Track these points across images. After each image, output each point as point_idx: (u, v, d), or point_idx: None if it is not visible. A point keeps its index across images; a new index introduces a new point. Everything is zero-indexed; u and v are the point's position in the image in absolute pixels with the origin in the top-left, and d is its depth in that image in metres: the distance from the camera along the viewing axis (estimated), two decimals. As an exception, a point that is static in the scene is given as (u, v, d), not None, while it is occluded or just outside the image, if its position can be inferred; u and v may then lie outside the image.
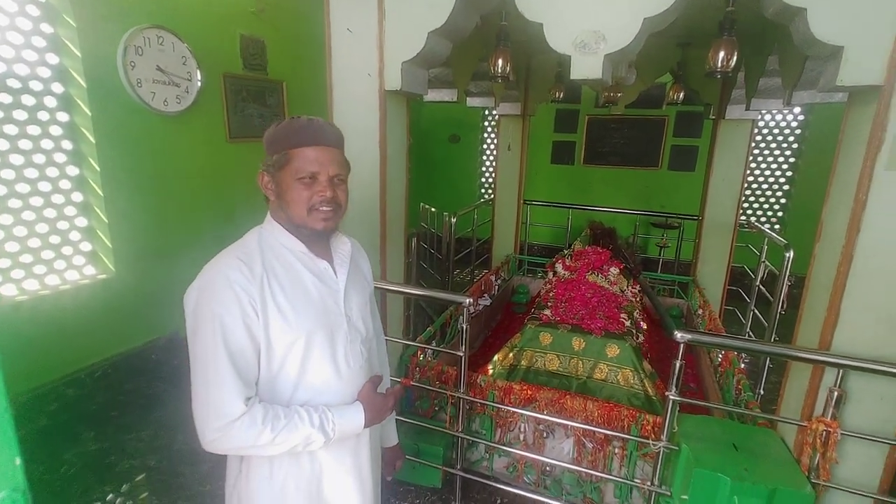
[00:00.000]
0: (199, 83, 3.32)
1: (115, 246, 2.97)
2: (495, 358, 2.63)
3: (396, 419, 1.48)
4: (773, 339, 2.89)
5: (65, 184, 2.75)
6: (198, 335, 0.96)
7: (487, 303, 3.74)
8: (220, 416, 0.93)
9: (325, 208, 1.03)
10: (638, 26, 1.54)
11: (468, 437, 2.18)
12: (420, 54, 1.90)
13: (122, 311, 3.03)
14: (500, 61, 2.38)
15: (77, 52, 2.66)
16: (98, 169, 2.82)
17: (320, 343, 1.04)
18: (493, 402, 2.17)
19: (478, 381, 2.22)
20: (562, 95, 4.07)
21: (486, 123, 6.59)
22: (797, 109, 5.16)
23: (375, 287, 2.11)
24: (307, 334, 1.02)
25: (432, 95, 3.04)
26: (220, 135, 3.62)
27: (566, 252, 3.62)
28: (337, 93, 2.09)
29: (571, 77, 1.67)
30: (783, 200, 5.52)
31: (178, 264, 3.26)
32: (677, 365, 1.65)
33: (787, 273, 2.75)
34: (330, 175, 1.04)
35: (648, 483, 1.82)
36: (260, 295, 0.97)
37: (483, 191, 6.80)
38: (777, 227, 5.55)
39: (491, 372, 2.57)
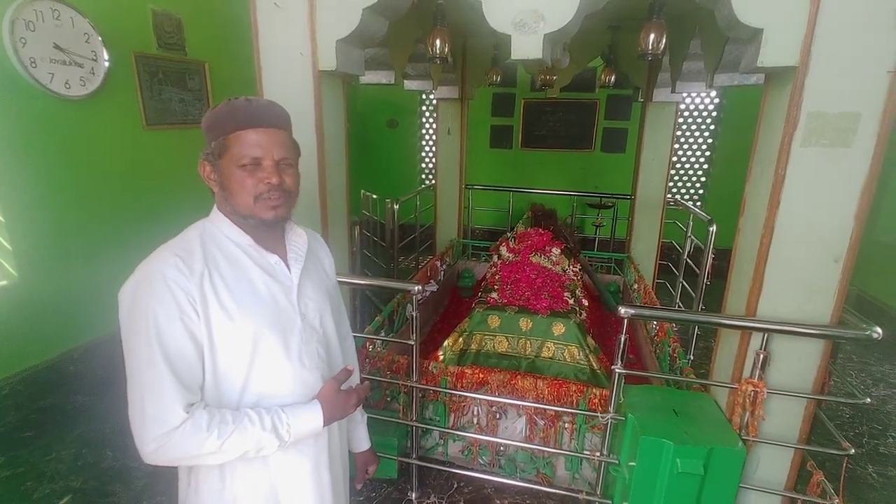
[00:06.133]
0: (106, 63, 3.00)
1: (17, 248, 2.64)
2: (445, 343, 2.63)
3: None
4: (700, 309, 3.10)
5: (-53, 179, 2.41)
6: (132, 337, 0.88)
7: (434, 289, 3.73)
8: (158, 424, 0.85)
9: (272, 195, 0.95)
10: (576, 5, 1.54)
11: (422, 426, 2.16)
12: (355, 32, 1.81)
13: (30, 319, 2.72)
14: (437, 41, 2.33)
15: (-49, 27, 2.30)
16: (-12, 161, 2.48)
17: (270, 342, 0.97)
18: (445, 388, 2.16)
19: (430, 368, 2.20)
20: (499, 79, 4.09)
21: (425, 108, 6.51)
22: (713, 93, 5.52)
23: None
24: (254, 333, 0.95)
25: (369, 77, 2.94)
26: (136, 121, 3.30)
27: (509, 235, 3.67)
28: (266, 74, 1.95)
29: (512, 57, 1.65)
30: (703, 179, 5.91)
31: (95, 266, 2.97)
32: (622, 339, 1.71)
33: (711, 246, 2.96)
34: (275, 159, 0.95)
35: (598, 454, 1.89)
36: (200, 293, 0.90)
37: (424, 176, 6.74)
38: (699, 203, 5.94)
39: (442, 358, 2.56)
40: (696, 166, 5.89)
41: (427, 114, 6.53)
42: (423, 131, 6.64)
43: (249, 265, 0.99)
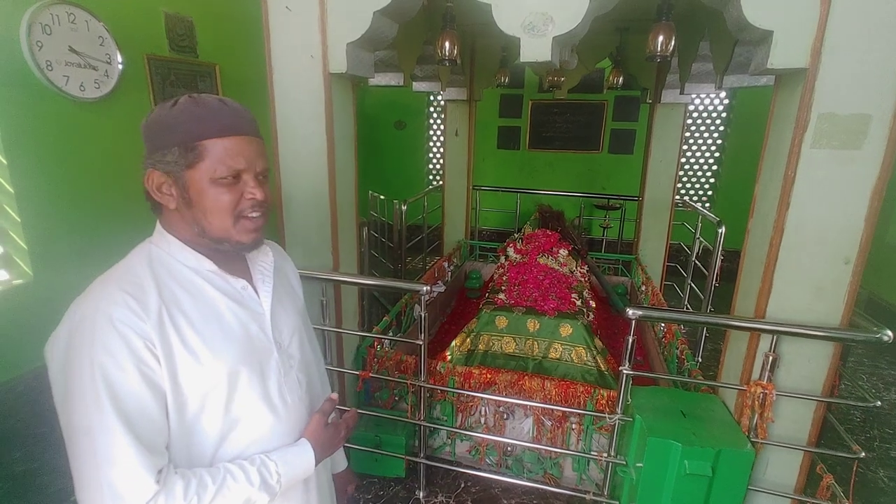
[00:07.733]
0: (119, 66, 3.04)
1: (32, 248, 2.69)
2: (453, 344, 2.64)
3: (357, 411, 1.34)
4: (708, 311, 3.08)
5: (-35, 180, 2.46)
6: (74, 399, 0.71)
7: (441, 289, 3.72)
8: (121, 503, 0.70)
9: (254, 214, 0.84)
10: (585, 8, 1.55)
11: (430, 425, 2.17)
12: (365, 35, 1.83)
13: (45, 317, 2.75)
14: (446, 44, 2.34)
15: (-30, 30, 2.35)
16: (5, 162, 2.53)
17: (247, 381, 0.84)
18: (453, 388, 2.17)
19: (437, 367, 2.21)
20: (506, 80, 4.10)
21: (432, 109, 6.53)
22: (723, 94, 5.48)
23: (328, 280, 2.05)
24: (228, 374, 0.81)
25: (378, 79, 2.96)
26: (148, 123, 3.35)
27: (517, 236, 3.67)
28: (277, 76, 1.97)
29: (521, 60, 1.67)
30: (712, 180, 5.88)
31: (109, 264, 3.00)
32: (630, 340, 1.71)
33: (720, 248, 2.94)
34: (257, 171, 0.84)
35: (605, 454, 1.89)
36: (159, 335, 0.75)
37: (431, 177, 6.76)
38: (707, 205, 5.91)
39: (449, 358, 2.57)
40: (705, 168, 5.86)
41: (435, 115, 6.55)
42: (431, 132, 6.65)
43: (215, 295, 0.84)
